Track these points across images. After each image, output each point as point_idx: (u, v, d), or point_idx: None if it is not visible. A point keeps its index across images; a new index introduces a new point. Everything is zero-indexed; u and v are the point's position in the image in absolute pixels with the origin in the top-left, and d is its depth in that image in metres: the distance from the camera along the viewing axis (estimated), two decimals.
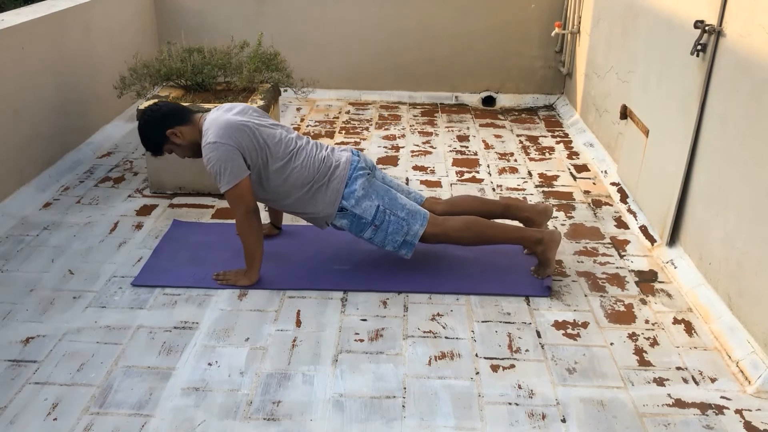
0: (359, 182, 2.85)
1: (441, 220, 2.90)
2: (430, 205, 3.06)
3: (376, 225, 2.85)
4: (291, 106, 5.44)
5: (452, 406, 2.23)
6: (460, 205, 3.09)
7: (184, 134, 2.83)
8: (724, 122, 2.74)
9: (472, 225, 2.91)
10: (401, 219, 2.85)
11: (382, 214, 2.84)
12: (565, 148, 4.62)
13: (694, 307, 2.79)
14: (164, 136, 2.83)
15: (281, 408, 2.21)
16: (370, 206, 2.84)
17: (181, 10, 5.52)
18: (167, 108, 2.89)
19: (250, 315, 2.70)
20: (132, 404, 2.21)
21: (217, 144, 2.71)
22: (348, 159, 2.90)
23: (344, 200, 2.84)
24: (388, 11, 5.46)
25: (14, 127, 3.61)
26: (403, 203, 2.89)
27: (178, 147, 2.87)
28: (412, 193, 3.08)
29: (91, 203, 3.65)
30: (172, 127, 2.82)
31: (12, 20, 3.72)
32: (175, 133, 2.82)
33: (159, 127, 2.83)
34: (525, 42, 5.50)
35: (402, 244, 2.88)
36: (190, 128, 2.84)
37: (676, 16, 3.21)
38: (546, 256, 2.90)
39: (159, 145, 2.88)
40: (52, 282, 2.90)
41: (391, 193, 2.90)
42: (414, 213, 2.88)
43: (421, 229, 2.86)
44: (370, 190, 2.86)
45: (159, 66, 3.87)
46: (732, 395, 2.31)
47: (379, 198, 2.86)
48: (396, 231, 2.85)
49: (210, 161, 2.73)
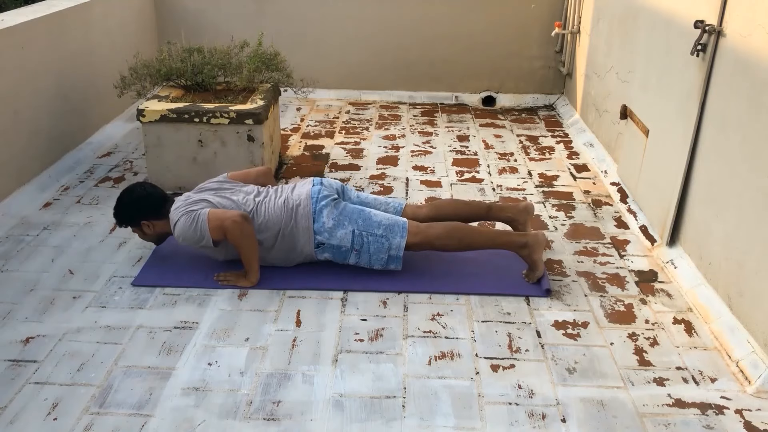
0: (325, 213, 2.87)
1: (423, 228, 2.90)
2: (413, 211, 3.07)
3: (357, 249, 2.87)
4: (291, 106, 5.44)
5: (452, 406, 2.23)
6: (443, 209, 3.10)
7: (155, 226, 2.95)
8: (724, 122, 2.74)
9: (454, 232, 2.90)
10: (380, 237, 2.86)
11: (359, 237, 2.86)
12: (565, 148, 4.62)
13: (694, 307, 2.79)
14: (135, 221, 2.95)
15: (281, 408, 2.21)
16: (345, 233, 2.86)
17: (181, 10, 5.52)
18: (152, 199, 2.96)
19: (250, 315, 2.70)
20: (132, 404, 2.21)
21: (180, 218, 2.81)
22: (308, 193, 2.92)
23: (317, 235, 2.87)
24: (389, 11, 5.46)
25: (14, 127, 3.61)
26: (378, 220, 2.89)
27: (145, 235, 2.99)
28: (391, 204, 3.09)
29: (91, 203, 3.65)
30: (147, 217, 2.93)
31: (12, 20, 3.72)
32: (147, 224, 2.94)
33: (136, 212, 2.94)
34: (525, 42, 5.50)
35: (388, 260, 2.89)
36: (163, 222, 2.94)
37: (676, 16, 3.21)
38: (533, 258, 2.89)
39: (128, 225, 2.99)
40: (52, 282, 2.90)
41: (364, 213, 2.90)
42: (391, 227, 2.88)
43: (402, 240, 2.86)
44: (341, 218, 2.87)
45: (159, 66, 3.87)
46: (732, 395, 2.31)
47: (352, 223, 2.87)
48: (378, 250, 2.87)
49: (179, 237, 2.83)
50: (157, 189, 3.03)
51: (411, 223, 2.91)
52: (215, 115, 3.60)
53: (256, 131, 3.64)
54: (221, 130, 3.63)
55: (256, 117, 3.60)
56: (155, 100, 3.74)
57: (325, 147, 4.59)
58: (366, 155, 4.44)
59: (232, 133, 3.63)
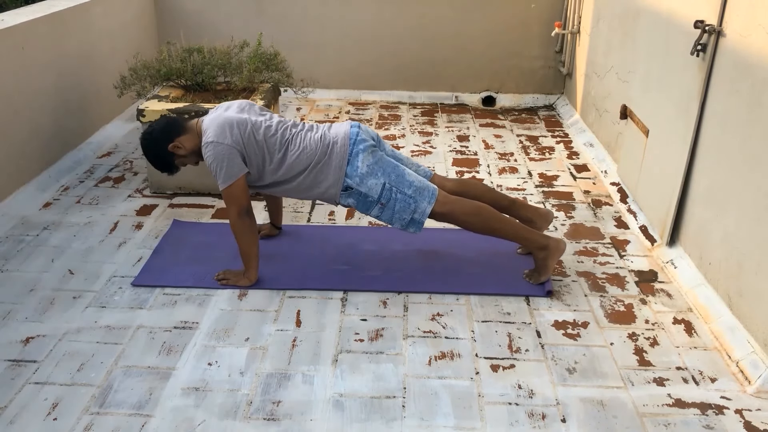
0: (361, 158, 2.78)
1: (452, 200, 2.83)
2: (440, 181, 2.99)
3: (383, 203, 2.80)
4: (291, 106, 5.44)
5: (452, 406, 2.23)
6: (469, 187, 3.03)
7: (184, 144, 2.82)
8: (724, 122, 2.74)
9: (483, 212, 2.83)
10: (408, 197, 2.79)
11: (388, 192, 2.78)
12: (565, 148, 4.62)
13: (694, 307, 2.79)
14: (168, 152, 2.83)
15: (281, 408, 2.21)
16: (376, 184, 2.78)
17: (181, 10, 5.52)
18: (160, 126, 2.87)
19: (250, 315, 2.70)
20: (132, 404, 2.21)
21: (215, 143, 2.71)
22: (346, 134, 2.82)
23: (348, 179, 2.78)
24: (389, 11, 5.46)
25: (14, 127, 3.61)
26: (410, 180, 2.81)
27: (184, 158, 2.87)
28: (422, 168, 3.02)
29: (91, 203, 3.65)
30: (171, 141, 2.81)
31: (12, 20, 3.72)
32: (176, 145, 2.81)
33: (160, 147, 2.83)
34: (525, 42, 5.50)
35: (410, 222, 2.83)
36: (188, 137, 2.83)
37: (676, 16, 3.21)
38: (546, 263, 2.86)
39: (169, 163, 2.88)
40: (52, 282, 2.90)
41: (398, 169, 2.82)
42: (422, 190, 2.80)
43: (429, 206, 2.79)
44: (375, 167, 2.79)
45: (159, 66, 3.87)
46: (732, 395, 2.31)
47: (385, 175, 2.79)
48: (403, 209, 2.80)
49: (208, 159, 2.74)
50: (163, 117, 3.01)
51: (441, 192, 2.84)
52: None
53: None
54: None
55: None
56: (155, 100, 3.74)
57: None
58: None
59: None
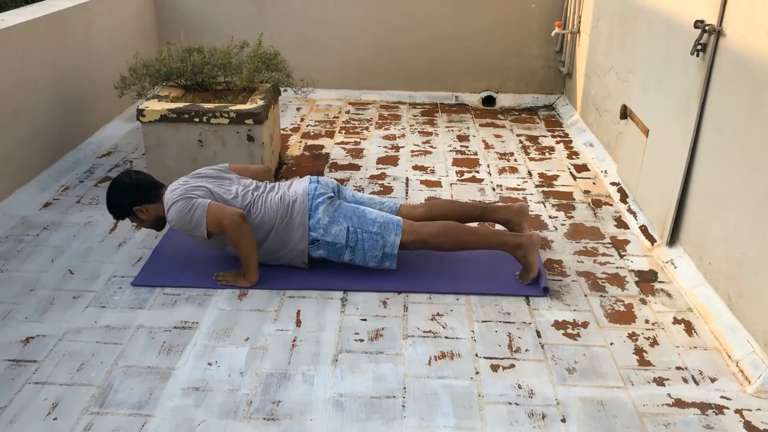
0: (321, 209, 2.87)
1: (417, 227, 2.91)
2: (408, 211, 3.08)
3: (351, 246, 2.88)
4: (291, 106, 5.44)
5: (452, 406, 2.23)
6: (438, 208, 3.11)
7: (149, 211, 2.91)
8: (724, 122, 2.74)
9: (449, 230, 2.91)
10: (374, 234, 2.87)
11: (353, 234, 2.86)
12: (565, 148, 4.62)
13: (694, 307, 2.79)
14: (130, 211, 2.91)
15: (281, 408, 2.21)
16: (340, 230, 2.86)
17: (181, 10, 5.52)
18: (138, 185, 2.92)
19: (250, 315, 2.70)
20: (132, 404, 2.21)
21: (176, 202, 2.78)
22: (305, 190, 2.92)
23: (312, 232, 2.87)
24: (388, 11, 5.46)
25: (14, 127, 3.61)
26: (373, 218, 2.89)
27: (141, 221, 2.96)
28: (386, 203, 3.10)
29: (91, 203, 3.65)
30: (139, 204, 2.89)
31: (12, 20, 3.72)
32: (141, 210, 2.90)
33: (126, 202, 2.90)
34: (525, 42, 5.50)
35: (383, 257, 2.90)
36: (156, 205, 2.91)
37: (676, 16, 3.21)
38: (527, 259, 2.89)
39: (123, 216, 2.96)
40: (52, 282, 2.90)
41: (359, 210, 2.91)
42: (386, 224, 2.89)
43: (397, 238, 2.87)
44: (336, 214, 2.88)
45: (159, 66, 3.87)
46: (732, 395, 2.31)
47: (347, 219, 2.87)
48: (372, 247, 2.87)
49: (172, 221, 2.80)
50: (142, 174, 3.02)
51: (405, 221, 2.92)
52: (215, 115, 3.60)
53: (256, 131, 3.64)
54: (221, 130, 3.63)
55: (256, 117, 3.60)
56: (155, 100, 3.74)
57: (325, 147, 4.59)
58: (366, 155, 4.44)
59: (232, 133, 3.63)
